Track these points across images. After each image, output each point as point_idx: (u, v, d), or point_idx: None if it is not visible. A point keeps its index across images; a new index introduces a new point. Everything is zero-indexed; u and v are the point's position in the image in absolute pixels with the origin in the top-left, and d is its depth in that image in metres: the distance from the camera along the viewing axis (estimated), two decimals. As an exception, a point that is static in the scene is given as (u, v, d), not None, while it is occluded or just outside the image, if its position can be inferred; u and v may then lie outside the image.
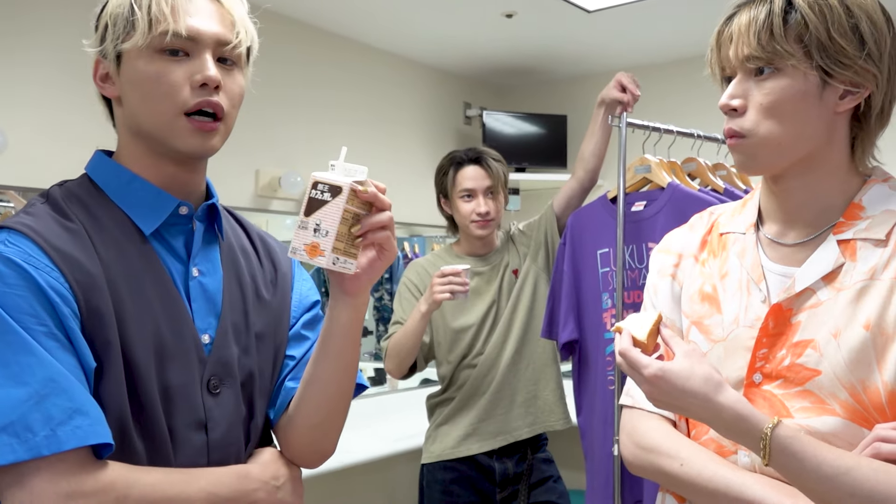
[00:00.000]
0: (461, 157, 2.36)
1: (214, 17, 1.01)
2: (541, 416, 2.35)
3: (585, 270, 2.20)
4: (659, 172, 2.15)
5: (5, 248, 0.91)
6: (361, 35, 3.67)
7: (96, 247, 0.97)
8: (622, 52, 3.90)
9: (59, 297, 0.90)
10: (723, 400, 0.97)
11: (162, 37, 0.97)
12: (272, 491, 1.05)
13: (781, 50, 1.01)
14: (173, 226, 1.05)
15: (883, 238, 1.02)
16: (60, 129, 2.70)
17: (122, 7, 0.99)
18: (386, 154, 3.81)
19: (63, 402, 0.87)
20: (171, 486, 0.94)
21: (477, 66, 4.19)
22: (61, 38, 2.72)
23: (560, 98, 4.35)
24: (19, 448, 0.84)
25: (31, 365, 0.87)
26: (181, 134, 1.00)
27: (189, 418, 1.01)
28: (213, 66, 1.00)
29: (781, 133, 1.03)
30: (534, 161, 4.15)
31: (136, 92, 1.00)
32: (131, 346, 0.95)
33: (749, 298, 1.09)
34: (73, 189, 1.02)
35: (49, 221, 0.96)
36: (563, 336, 2.20)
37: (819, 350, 1.01)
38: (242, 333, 1.08)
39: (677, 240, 1.25)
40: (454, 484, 2.32)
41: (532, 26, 3.56)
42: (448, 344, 2.35)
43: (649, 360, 1.00)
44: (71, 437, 0.86)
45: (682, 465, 1.07)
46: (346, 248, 0.98)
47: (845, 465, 0.93)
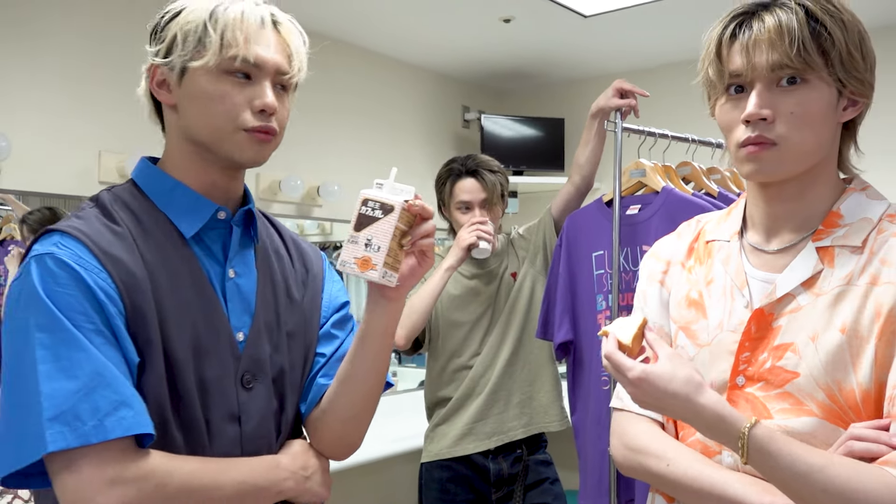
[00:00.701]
0: (458, 168, 2.38)
1: (277, 48, 1.09)
2: (536, 417, 2.37)
3: (581, 272, 2.23)
4: (654, 176, 2.18)
5: (58, 250, 0.98)
6: (360, 39, 3.70)
7: (140, 249, 1.03)
8: (618, 57, 3.93)
9: (106, 296, 0.97)
10: (703, 401, 1.00)
11: (231, 60, 1.05)
12: (301, 480, 1.11)
13: (817, 60, 1.02)
14: (212, 229, 1.12)
15: (859, 245, 1.05)
16: (62, 134, 2.73)
17: (194, 24, 1.05)
18: (385, 157, 3.84)
19: (109, 394, 0.93)
20: (206, 475, 1.01)
21: (475, 70, 4.22)
22: (64, 44, 2.75)
23: (557, 101, 4.37)
24: (70, 436, 0.91)
25: (81, 360, 0.93)
26: (239, 145, 1.07)
27: (224, 411, 1.07)
28: (271, 93, 1.07)
29: (810, 142, 1.05)
30: (532, 164, 4.18)
31: (197, 106, 1.07)
32: (171, 343, 1.02)
33: (733, 304, 1.13)
34: (120, 194, 1.09)
35: (98, 225, 1.02)
36: (559, 337, 2.22)
37: (798, 353, 1.05)
38: (274, 332, 1.14)
39: (666, 247, 1.28)
40: (451, 483, 2.35)
41: (530, 31, 3.58)
42: (442, 337, 2.38)
43: (633, 363, 1.04)
44: (116, 426, 0.93)
45: (668, 465, 1.10)
46: (393, 262, 1.06)
47: (819, 463, 0.96)
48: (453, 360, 2.38)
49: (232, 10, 1.06)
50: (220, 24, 1.05)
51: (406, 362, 3.97)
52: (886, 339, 1.00)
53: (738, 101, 1.08)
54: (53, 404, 0.91)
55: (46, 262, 0.97)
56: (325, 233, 3.69)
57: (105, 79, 2.84)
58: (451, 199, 2.39)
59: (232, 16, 1.05)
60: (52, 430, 0.90)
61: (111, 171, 2.83)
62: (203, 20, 1.05)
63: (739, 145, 1.07)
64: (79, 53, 2.79)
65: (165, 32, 1.08)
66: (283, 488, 1.09)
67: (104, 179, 2.82)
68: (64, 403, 0.91)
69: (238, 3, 1.07)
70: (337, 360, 1.21)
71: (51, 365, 0.92)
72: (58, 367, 0.92)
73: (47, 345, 0.93)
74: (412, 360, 3.91)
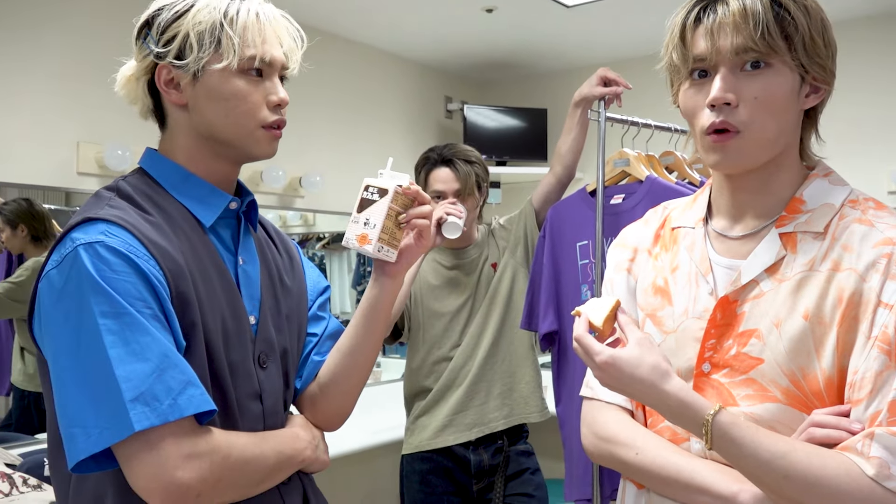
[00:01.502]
0: (434, 157, 2.37)
1: (278, 44, 1.14)
2: (517, 408, 2.37)
3: (565, 262, 2.23)
4: (637, 166, 2.18)
5: (108, 238, 1.00)
6: (343, 30, 3.68)
7: (174, 238, 1.07)
8: (601, 47, 3.93)
9: (158, 283, 1.01)
10: (668, 388, 1.02)
11: (251, 60, 1.10)
12: (314, 449, 1.20)
13: (778, 45, 1.01)
14: (223, 219, 1.17)
15: (821, 231, 1.05)
16: (40, 125, 2.70)
17: (209, 25, 1.08)
18: (367, 148, 3.82)
19: (178, 374, 0.98)
20: (255, 447, 1.08)
21: (458, 61, 4.20)
22: (42, 38, 2.71)
23: (540, 92, 4.37)
24: (151, 415, 0.95)
25: (149, 343, 0.97)
26: (260, 142, 1.14)
27: (249, 390, 1.13)
28: (282, 88, 1.14)
29: (773, 129, 1.04)
30: (515, 154, 4.18)
31: (217, 105, 1.10)
32: (207, 327, 1.07)
33: (697, 290, 1.13)
34: (138, 185, 1.12)
35: (134, 215, 1.06)
36: (543, 327, 2.22)
37: (762, 339, 1.05)
38: (276, 315, 1.21)
39: (633, 234, 1.28)
40: (431, 475, 2.34)
41: (512, 21, 3.57)
42: (423, 327, 2.37)
43: (601, 347, 1.04)
44: (188, 404, 0.98)
45: (637, 453, 1.11)
46: (390, 239, 1.18)
47: (781, 449, 0.97)
48: (434, 352, 2.37)
49: (244, 10, 1.10)
50: (237, 26, 1.08)
51: (389, 353, 3.96)
52: (847, 324, 1.00)
53: (702, 86, 1.06)
54: (132, 386, 0.95)
55: (98, 250, 0.99)
56: (308, 224, 3.67)
57: (83, 70, 2.81)
58: (426, 189, 2.37)
59: (249, 17, 1.09)
60: (135, 411, 0.94)
61: (90, 161, 2.80)
62: (217, 20, 1.08)
63: (705, 132, 1.06)
64: (57, 46, 2.75)
65: (172, 31, 1.08)
66: (304, 457, 1.17)
67: (83, 170, 2.79)
68: (142, 385, 0.95)
69: (246, 1, 1.11)
70: (327, 339, 1.30)
71: (122, 349, 0.96)
72: (129, 351, 0.96)
73: (115, 330, 0.96)
74: (395, 350, 3.90)
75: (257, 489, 1.10)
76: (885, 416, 0.95)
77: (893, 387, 0.95)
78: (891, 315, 0.97)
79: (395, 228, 1.18)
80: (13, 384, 2.67)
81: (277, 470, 1.12)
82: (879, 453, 0.94)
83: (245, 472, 1.06)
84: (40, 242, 2.69)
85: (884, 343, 0.97)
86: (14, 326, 2.68)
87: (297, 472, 1.20)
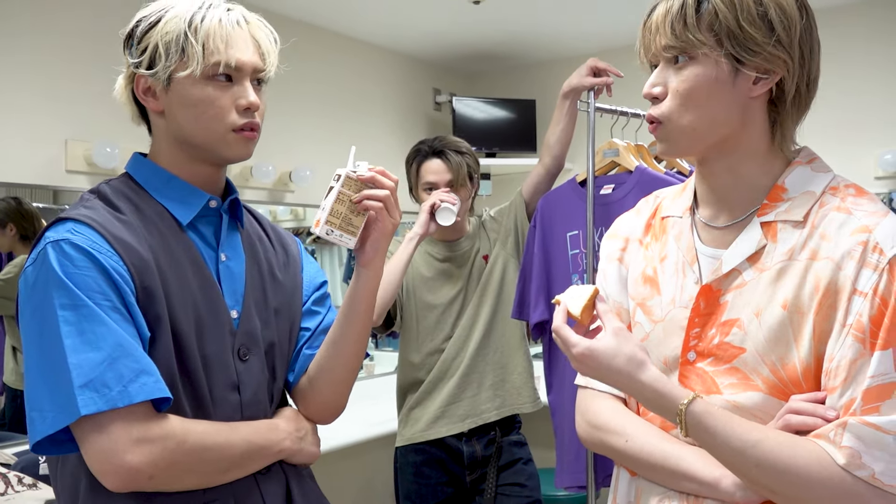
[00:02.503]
0: (425, 149, 2.37)
1: (252, 48, 1.17)
2: (509, 399, 2.38)
3: (555, 252, 2.24)
4: (627, 156, 2.19)
5: (73, 236, 1.07)
6: (331, 23, 3.67)
7: (145, 235, 1.13)
8: (589, 37, 3.93)
9: (119, 277, 1.06)
10: (644, 378, 1.04)
11: (215, 67, 1.13)
12: (296, 440, 1.23)
13: (693, 39, 1.04)
14: (204, 217, 1.22)
15: (801, 220, 1.06)
16: (28, 123, 2.69)
17: (175, 34, 1.12)
18: (356, 141, 3.77)
19: (131, 363, 1.03)
20: (217, 434, 1.12)
21: (446, 53, 4.20)
22: (31, 36, 2.70)
23: (529, 83, 4.37)
24: (99, 401, 1.01)
25: (104, 333, 1.03)
26: (231, 145, 1.17)
27: (225, 381, 1.17)
28: (252, 92, 1.17)
29: (695, 118, 1.07)
30: (504, 146, 4.18)
31: (187, 111, 1.15)
32: (176, 320, 1.12)
33: (684, 280, 1.14)
34: (119, 186, 1.19)
35: (105, 214, 1.12)
36: (535, 316, 2.23)
37: (743, 328, 1.06)
38: (262, 309, 1.24)
39: (625, 225, 1.29)
40: (425, 466, 2.35)
41: (500, 12, 3.57)
42: (416, 319, 2.38)
43: (578, 338, 1.06)
44: (139, 391, 1.03)
45: (627, 441, 1.13)
46: (342, 224, 1.20)
47: (753, 438, 0.99)
48: (426, 343, 2.38)
49: (209, 17, 1.13)
50: (200, 34, 1.12)
51: (382, 346, 3.97)
52: (824, 313, 1.01)
53: None
54: (82, 373, 1.01)
55: (63, 247, 1.05)
56: (299, 218, 3.67)
57: (71, 68, 2.79)
58: (419, 181, 2.38)
59: (211, 24, 1.13)
60: (83, 397, 1.00)
61: (78, 159, 2.79)
62: (182, 30, 1.12)
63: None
64: (45, 44, 2.74)
65: (145, 42, 1.14)
66: (282, 447, 1.20)
67: (71, 168, 2.77)
68: (91, 372, 1.01)
69: (212, 9, 1.15)
70: (320, 333, 1.32)
71: (76, 339, 1.02)
72: (83, 341, 1.02)
73: (71, 321, 1.02)
74: (388, 343, 3.91)
75: (224, 476, 1.13)
76: (859, 405, 0.96)
77: (868, 375, 0.97)
78: (865, 302, 0.98)
79: (349, 214, 1.20)
80: (5, 383, 2.67)
81: (247, 459, 1.15)
82: (851, 443, 0.96)
83: (205, 459, 1.10)
84: (29, 241, 2.68)
85: (858, 331, 0.98)
86: (5, 325, 2.68)
87: (280, 463, 1.22)
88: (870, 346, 0.97)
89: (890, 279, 0.97)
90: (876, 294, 0.97)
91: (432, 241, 2.44)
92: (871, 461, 0.95)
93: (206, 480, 1.12)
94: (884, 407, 0.95)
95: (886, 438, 0.95)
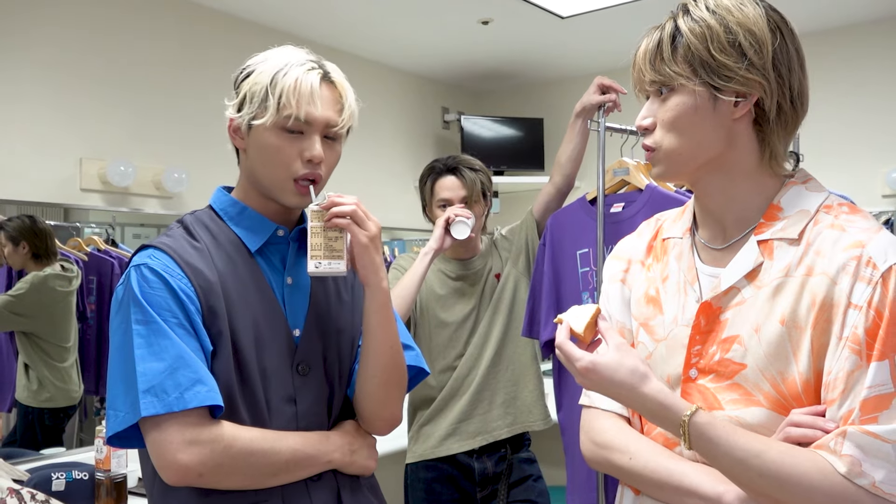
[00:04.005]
0: (440, 167, 2.40)
1: (328, 103, 1.29)
2: (520, 417, 2.39)
3: (565, 270, 2.25)
4: (637, 175, 2.20)
5: (151, 261, 1.23)
6: (341, 44, 3.70)
7: (214, 260, 1.27)
8: (596, 56, 3.96)
9: (186, 297, 1.21)
10: (647, 391, 1.06)
11: (286, 119, 1.26)
12: (347, 453, 1.33)
13: (670, 72, 1.10)
14: (273, 244, 1.35)
15: (796, 237, 1.09)
16: (43, 142, 2.72)
17: (259, 86, 1.27)
18: (366, 159, 3.84)
19: (189, 373, 1.17)
20: (264, 441, 1.23)
21: (455, 72, 4.24)
22: (48, 57, 2.73)
23: (536, 102, 4.40)
24: (158, 405, 1.15)
25: (167, 346, 1.17)
26: (287, 193, 1.30)
27: (282, 393, 1.29)
28: (319, 146, 1.28)
29: (681, 144, 1.12)
30: (512, 164, 4.21)
31: (259, 155, 1.29)
32: (237, 336, 1.25)
33: (686, 299, 1.16)
34: (200, 217, 1.34)
35: (181, 241, 1.28)
36: (545, 335, 2.24)
37: (743, 345, 1.09)
38: (326, 328, 1.36)
39: (627, 247, 1.33)
40: (436, 483, 2.36)
41: (508, 32, 3.61)
42: (429, 336, 2.39)
43: (581, 353, 1.09)
44: (193, 398, 1.16)
45: (630, 458, 1.15)
46: (327, 252, 1.28)
47: (755, 448, 1.01)
48: (439, 361, 2.39)
49: (290, 76, 1.26)
50: (277, 90, 1.25)
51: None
52: (821, 327, 1.03)
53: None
54: (146, 380, 1.15)
55: (142, 271, 1.22)
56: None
57: (86, 87, 2.83)
58: (433, 198, 2.40)
59: (289, 83, 1.25)
60: (144, 400, 1.15)
61: (93, 177, 2.82)
62: (265, 84, 1.26)
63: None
64: (61, 67, 2.77)
65: (240, 89, 1.30)
66: (331, 458, 1.30)
67: (85, 186, 2.80)
68: (154, 379, 1.16)
69: (296, 67, 1.27)
70: None
71: (145, 350, 1.17)
72: (150, 352, 1.17)
73: (143, 334, 1.18)
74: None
75: (273, 480, 1.24)
76: (857, 415, 0.99)
77: (865, 385, 0.99)
78: (860, 315, 1.00)
79: (328, 242, 1.28)
80: (17, 400, 2.68)
81: (294, 466, 1.25)
82: (851, 451, 0.98)
83: (250, 463, 1.21)
84: (41, 259, 2.70)
85: (854, 343, 1.00)
86: (16, 343, 2.69)
87: (334, 472, 1.32)
88: (866, 357, 0.99)
89: (884, 292, 1.00)
90: (870, 307, 1.00)
91: (446, 259, 2.45)
92: (871, 469, 0.97)
93: (254, 482, 1.23)
94: (882, 417, 0.98)
95: (886, 447, 0.97)
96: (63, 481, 2.21)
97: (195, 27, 3.21)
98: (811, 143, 2.75)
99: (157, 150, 3.01)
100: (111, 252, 2.89)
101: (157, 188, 2.99)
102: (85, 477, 2.25)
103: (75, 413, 2.80)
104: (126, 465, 2.26)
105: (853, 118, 3.49)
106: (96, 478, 2.24)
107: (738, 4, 1.09)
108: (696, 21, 1.09)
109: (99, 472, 2.23)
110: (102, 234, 2.90)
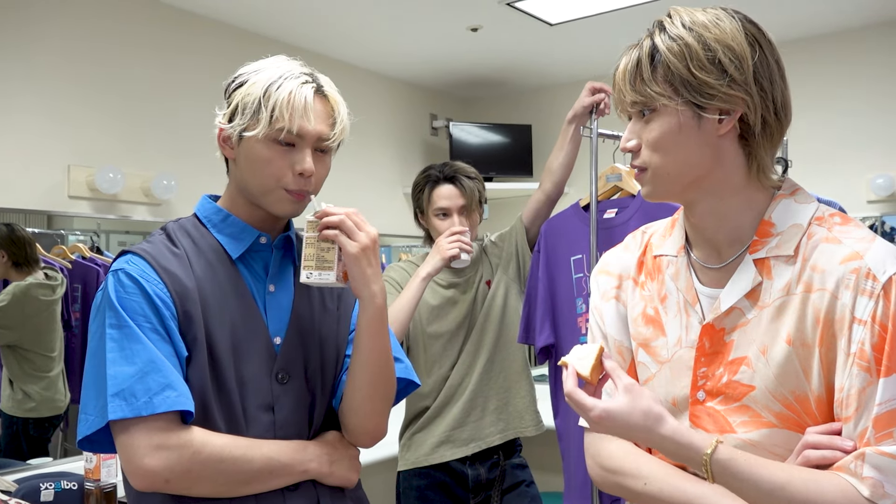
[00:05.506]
0: (436, 175, 2.37)
1: (321, 117, 1.28)
2: (512, 423, 2.38)
3: (560, 276, 2.25)
4: (629, 180, 2.21)
5: (128, 266, 1.23)
6: (330, 51, 3.70)
7: (193, 267, 1.26)
8: (584, 64, 3.98)
9: (161, 302, 1.21)
10: (663, 432, 1.04)
11: (279, 132, 1.25)
12: (325, 464, 1.30)
13: (651, 92, 1.08)
14: (256, 252, 1.34)
15: (792, 254, 1.07)
16: (30, 149, 2.70)
17: (252, 98, 1.25)
18: (354, 165, 3.84)
19: (159, 378, 1.16)
20: (236, 448, 1.21)
21: (443, 79, 4.24)
22: (38, 65, 2.72)
23: (525, 108, 4.41)
24: (126, 409, 1.14)
25: (139, 350, 1.17)
26: (278, 202, 1.29)
27: (259, 401, 1.27)
28: (310, 160, 1.27)
29: (668, 163, 1.10)
30: (500, 170, 4.21)
31: (249, 165, 1.28)
32: (213, 343, 1.23)
33: (689, 320, 1.15)
34: (184, 224, 1.34)
35: (161, 247, 1.27)
36: (540, 341, 2.24)
37: (751, 367, 1.08)
38: (309, 336, 1.34)
39: (615, 261, 1.29)
40: (429, 490, 2.34)
41: (497, 39, 3.62)
42: (423, 347, 2.38)
43: (593, 402, 1.06)
44: (162, 403, 1.15)
45: (645, 483, 1.13)
46: (317, 264, 1.27)
47: (779, 479, 1.01)
48: (434, 371, 2.37)
49: (283, 88, 1.25)
50: (270, 103, 1.24)
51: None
52: (828, 344, 1.03)
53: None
54: (116, 383, 1.15)
55: (119, 276, 1.22)
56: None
57: (74, 94, 2.81)
58: (429, 206, 2.37)
59: (282, 96, 1.24)
60: (113, 404, 1.14)
61: (81, 185, 2.79)
62: (258, 96, 1.25)
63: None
64: (49, 76, 2.75)
65: (232, 98, 1.29)
66: (307, 468, 1.28)
67: (73, 193, 2.78)
68: (124, 383, 1.15)
69: (289, 80, 1.26)
70: None
71: (117, 353, 1.17)
72: (122, 356, 1.17)
73: (116, 338, 1.18)
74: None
75: (246, 488, 1.22)
76: (871, 433, 0.99)
77: (876, 402, 0.99)
78: (865, 331, 1.00)
79: (320, 253, 1.27)
80: (2, 410, 2.65)
81: (268, 474, 1.23)
82: (872, 473, 0.98)
83: (220, 470, 1.19)
84: (21, 268, 2.67)
85: (862, 360, 1.00)
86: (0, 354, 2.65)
87: (313, 482, 1.30)
88: (875, 373, 0.99)
89: (886, 304, 1.00)
90: (875, 321, 1.00)
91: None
92: (892, 490, 0.97)
93: (225, 490, 1.21)
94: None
95: None
96: (52, 491, 2.18)
97: (184, 34, 3.19)
98: (797, 150, 2.77)
99: (146, 157, 2.99)
100: (96, 259, 2.86)
101: (146, 195, 2.97)
102: (74, 487, 2.22)
103: (60, 423, 2.77)
104: (116, 475, 2.23)
105: (838, 125, 3.52)
106: (85, 488, 2.22)
107: (714, 20, 1.07)
108: (673, 39, 1.07)
109: (88, 482, 2.21)
110: (87, 242, 2.87)
